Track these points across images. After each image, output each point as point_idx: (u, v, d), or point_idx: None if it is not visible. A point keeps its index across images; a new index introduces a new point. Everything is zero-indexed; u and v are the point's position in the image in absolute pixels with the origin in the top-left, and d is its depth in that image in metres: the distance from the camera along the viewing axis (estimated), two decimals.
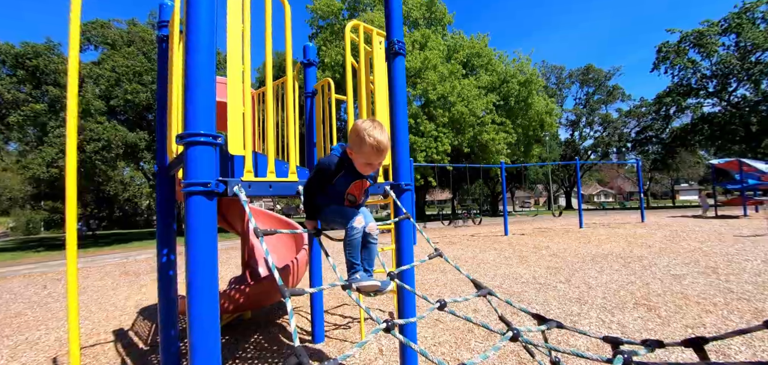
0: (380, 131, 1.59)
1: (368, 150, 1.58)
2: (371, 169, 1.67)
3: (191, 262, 1.49)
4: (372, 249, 1.73)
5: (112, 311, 5.21)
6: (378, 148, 1.57)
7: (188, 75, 1.53)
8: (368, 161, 1.63)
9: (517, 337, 1.20)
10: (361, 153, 1.61)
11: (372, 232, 1.70)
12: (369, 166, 1.65)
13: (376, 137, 1.56)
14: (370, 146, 1.57)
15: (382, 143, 1.57)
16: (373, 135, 1.56)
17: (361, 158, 1.63)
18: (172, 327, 2.60)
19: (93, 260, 11.57)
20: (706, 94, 35.12)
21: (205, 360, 1.49)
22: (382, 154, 1.60)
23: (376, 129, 1.58)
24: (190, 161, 1.49)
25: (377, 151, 1.58)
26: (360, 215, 1.70)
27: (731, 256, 6.52)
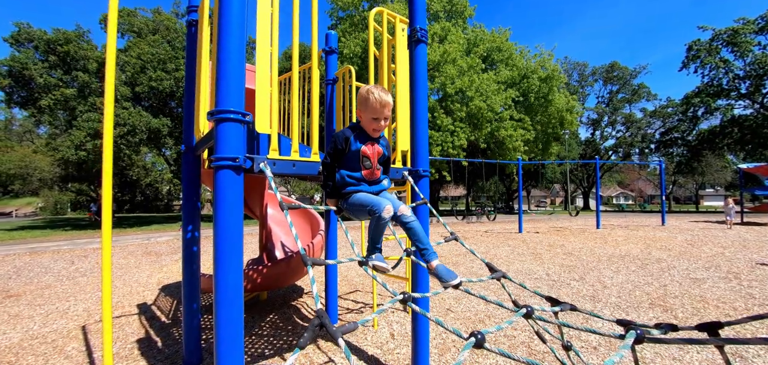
0: (381, 88, 1.78)
1: (373, 104, 1.74)
2: (377, 126, 1.79)
3: (219, 232, 1.57)
4: (414, 229, 1.76)
5: (135, 287, 5.46)
6: (380, 102, 1.74)
7: (220, 55, 1.61)
8: (374, 116, 1.76)
9: (530, 314, 1.23)
10: (367, 109, 1.76)
11: (405, 213, 1.76)
12: (375, 121, 1.77)
13: (378, 92, 1.74)
14: (374, 100, 1.73)
15: (384, 97, 1.74)
16: (375, 91, 1.74)
17: (367, 115, 1.77)
18: (194, 301, 2.73)
19: (116, 241, 12.05)
20: (738, 95, 33.52)
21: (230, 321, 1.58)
22: (385, 107, 1.75)
23: (378, 88, 1.77)
24: (221, 137, 1.58)
25: (380, 105, 1.74)
26: (389, 204, 1.73)
27: (755, 263, 6.30)
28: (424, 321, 2.37)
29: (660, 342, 0.94)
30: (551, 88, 26.08)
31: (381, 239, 1.86)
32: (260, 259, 4.37)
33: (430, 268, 1.67)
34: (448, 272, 1.61)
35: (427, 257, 1.69)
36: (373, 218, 1.74)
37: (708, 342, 0.91)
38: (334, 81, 3.74)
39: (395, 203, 1.79)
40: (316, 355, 2.88)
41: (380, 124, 1.79)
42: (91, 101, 19.68)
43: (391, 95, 1.82)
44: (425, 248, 1.72)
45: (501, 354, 0.96)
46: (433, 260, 1.67)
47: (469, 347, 0.94)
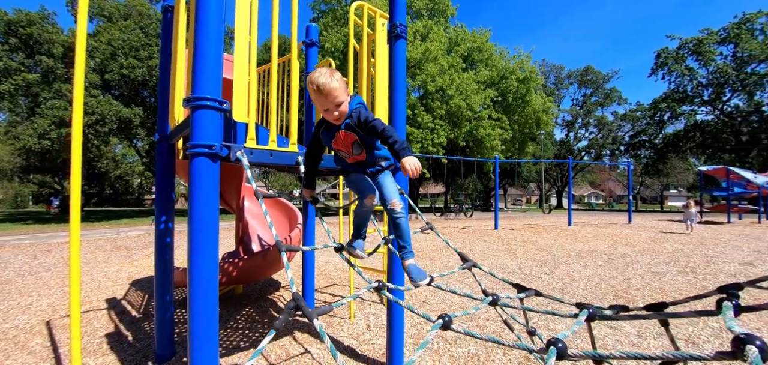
0: (317, 73, 1.60)
1: (313, 98, 1.63)
2: (330, 116, 1.66)
3: (194, 221, 1.57)
4: (400, 226, 1.73)
5: (104, 281, 5.26)
6: (314, 90, 1.59)
7: (198, 41, 1.59)
8: (321, 108, 1.65)
9: (496, 301, 1.30)
10: (315, 103, 1.66)
11: (396, 207, 1.71)
12: (326, 112, 1.65)
13: (313, 80, 1.59)
14: (310, 91, 1.61)
15: (321, 83, 1.56)
16: (311, 79, 1.60)
17: (318, 107, 1.68)
18: (167, 293, 2.68)
19: (84, 235, 11.51)
20: (701, 102, 35.58)
21: (205, 312, 1.58)
22: (321, 94, 1.59)
23: (314, 73, 1.61)
24: (197, 124, 1.56)
25: (315, 92, 1.60)
26: (373, 194, 1.76)
27: (711, 258, 6.75)
28: (400, 312, 2.43)
29: (609, 319, 1.02)
30: (528, 90, 26.83)
31: (364, 226, 1.89)
32: (236, 252, 4.32)
33: (404, 266, 1.72)
34: (419, 273, 1.66)
35: (404, 255, 1.74)
36: (358, 202, 1.77)
37: (650, 316, 1.00)
38: None
39: (388, 194, 1.73)
40: (293, 347, 2.89)
41: (331, 114, 1.65)
42: (56, 88, 18.64)
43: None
44: (404, 246, 1.75)
45: (466, 333, 1.02)
46: (408, 259, 1.72)
47: (436, 327, 1.00)
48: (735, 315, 0.81)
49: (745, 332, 0.64)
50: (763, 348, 0.62)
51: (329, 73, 1.60)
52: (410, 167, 1.48)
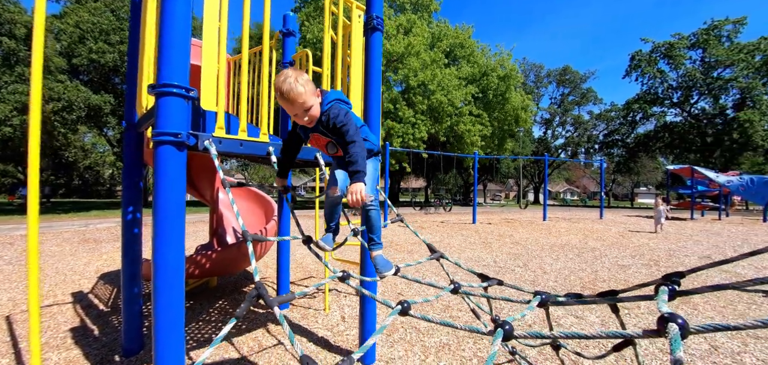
0: (282, 78, 1.53)
1: (279, 101, 1.59)
2: (300, 120, 1.63)
3: (159, 210, 1.54)
4: (371, 218, 1.73)
5: (70, 275, 5.06)
6: (279, 96, 1.55)
7: (164, 26, 1.55)
8: (291, 113, 1.61)
9: (457, 290, 1.35)
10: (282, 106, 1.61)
11: (367, 199, 1.63)
12: (295, 117, 1.62)
13: (278, 87, 1.54)
14: (277, 97, 1.57)
15: (284, 90, 1.51)
16: (276, 86, 1.55)
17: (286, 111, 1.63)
18: (135, 286, 2.61)
19: (49, 227, 10.99)
20: (671, 104, 37.30)
21: (170, 305, 1.56)
22: (286, 101, 1.54)
23: (279, 78, 1.54)
24: (162, 111, 1.53)
25: (282, 100, 1.56)
26: (335, 186, 1.77)
27: (673, 252, 7.13)
28: (372, 303, 2.46)
29: (561, 304, 1.08)
30: (509, 87, 27.34)
31: (333, 219, 1.89)
32: (210, 244, 4.24)
33: (371, 257, 1.74)
34: (384, 263, 1.69)
35: (372, 247, 1.75)
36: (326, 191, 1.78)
37: (599, 301, 1.07)
38: (291, 64, 3.68)
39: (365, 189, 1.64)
40: (266, 338, 2.88)
41: (301, 119, 1.61)
42: (18, 71, 17.57)
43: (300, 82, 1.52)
44: (373, 238, 1.77)
45: (422, 318, 1.06)
46: (375, 251, 1.74)
47: (395, 313, 1.03)
48: (669, 299, 0.88)
49: (670, 312, 0.70)
50: (683, 326, 0.67)
51: (294, 77, 1.53)
52: (352, 195, 1.47)
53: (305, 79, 1.55)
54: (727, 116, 32.64)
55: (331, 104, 1.64)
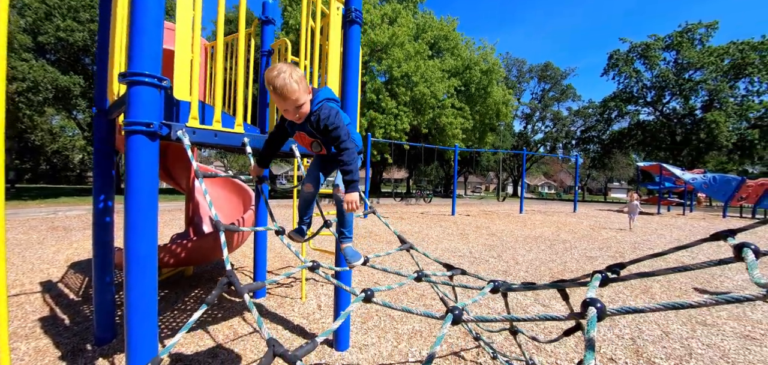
0: (278, 73, 1.51)
1: (271, 95, 1.60)
2: (289, 116, 1.63)
3: (131, 200, 1.54)
4: (342, 212, 1.77)
5: (38, 264, 4.89)
6: (273, 92, 1.54)
7: (135, 12, 1.54)
8: (281, 109, 1.61)
9: (420, 278, 1.43)
10: (272, 99, 1.61)
11: (339, 196, 1.70)
12: (285, 112, 1.62)
13: (270, 80, 1.52)
14: (271, 94, 1.56)
15: (277, 86, 1.51)
16: (268, 80, 1.53)
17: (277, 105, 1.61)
18: (107, 275, 2.58)
19: (15, 214, 10.51)
20: (645, 102, 38.77)
21: (142, 297, 1.57)
22: (278, 96, 1.54)
23: (272, 72, 1.53)
24: (133, 101, 1.53)
25: (273, 94, 1.56)
26: (310, 183, 1.82)
27: (638, 245, 7.54)
28: (345, 299, 2.53)
29: (512, 290, 1.18)
30: (491, 81, 27.72)
31: (308, 213, 1.93)
32: (186, 233, 4.20)
33: (341, 248, 1.80)
34: (353, 254, 1.76)
35: (342, 239, 1.82)
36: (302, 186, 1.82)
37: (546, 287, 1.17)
38: (269, 53, 3.65)
39: (338, 181, 1.71)
40: (242, 326, 2.91)
41: (291, 115, 1.61)
42: None
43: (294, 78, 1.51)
44: (343, 231, 1.83)
45: (384, 305, 1.13)
46: (345, 243, 1.80)
47: (359, 300, 1.10)
48: (601, 286, 0.98)
49: (592, 297, 0.80)
50: (601, 310, 0.77)
51: (289, 73, 1.51)
52: (349, 204, 1.54)
53: (299, 76, 1.54)
54: (695, 117, 34.27)
55: (321, 104, 1.63)
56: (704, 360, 2.64)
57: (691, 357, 2.68)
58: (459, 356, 2.56)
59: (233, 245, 3.86)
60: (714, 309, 3.78)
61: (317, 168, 1.81)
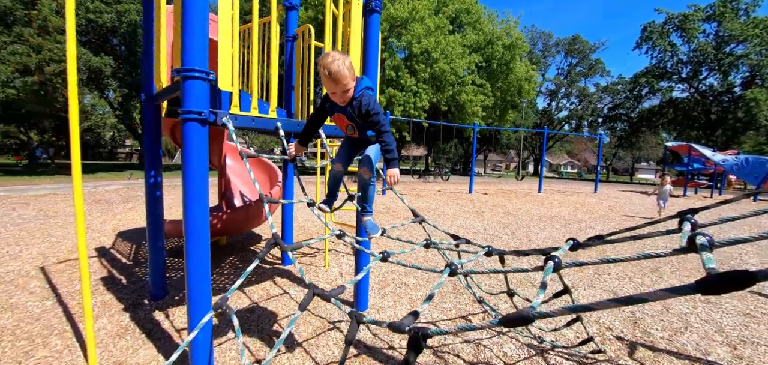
0: (333, 59, 1.70)
1: (323, 79, 1.76)
2: (335, 98, 1.82)
3: (188, 177, 1.85)
4: (365, 189, 2.03)
5: (90, 233, 5.44)
6: (328, 77, 1.71)
7: (186, 16, 1.79)
8: (329, 91, 1.79)
9: (429, 245, 1.68)
10: (323, 83, 1.80)
11: (364, 176, 1.99)
12: (333, 94, 1.81)
13: (326, 65, 1.70)
14: (324, 77, 1.74)
15: (333, 70, 1.68)
16: (324, 64, 1.71)
17: (325, 87, 1.80)
18: (159, 240, 2.97)
19: (59, 188, 11.40)
20: (679, 78, 36.65)
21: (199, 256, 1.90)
22: (332, 80, 1.72)
23: (328, 58, 1.71)
24: (187, 93, 1.80)
25: (326, 77, 1.73)
26: (340, 164, 2.06)
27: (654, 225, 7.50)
28: (365, 259, 2.83)
29: (501, 253, 1.41)
30: (513, 57, 26.91)
31: (336, 188, 2.20)
32: (219, 206, 4.59)
33: (362, 221, 2.07)
34: (373, 226, 2.03)
35: (363, 213, 2.08)
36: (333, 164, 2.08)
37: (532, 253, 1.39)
38: (293, 38, 3.87)
39: (365, 163, 1.98)
40: (274, 289, 3.28)
41: (337, 97, 1.80)
42: (16, 32, 17.41)
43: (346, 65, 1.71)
44: (365, 206, 2.09)
45: (398, 263, 1.39)
46: (366, 216, 2.07)
47: (378, 259, 1.36)
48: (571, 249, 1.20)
49: (553, 254, 1.02)
50: (558, 263, 0.99)
51: (342, 60, 1.71)
52: (391, 178, 1.77)
53: (349, 63, 1.75)
54: (733, 94, 32.21)
55: (363, 91, 1.85)
56: (699, 333, 2.81)
57: (686, 330, 2.85)
58: (466, 319, 2.84)
59: (262, 217, 4.22)
60: None
61: (347, 150, 2.04)
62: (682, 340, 2.69)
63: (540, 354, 2.40)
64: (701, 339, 2.71)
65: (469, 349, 2.43)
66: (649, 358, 2.43)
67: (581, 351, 2.45)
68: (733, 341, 2.71)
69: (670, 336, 2.74)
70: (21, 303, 2.93)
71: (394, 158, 1.81)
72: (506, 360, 2.33)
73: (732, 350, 2.58)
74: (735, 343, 2.67)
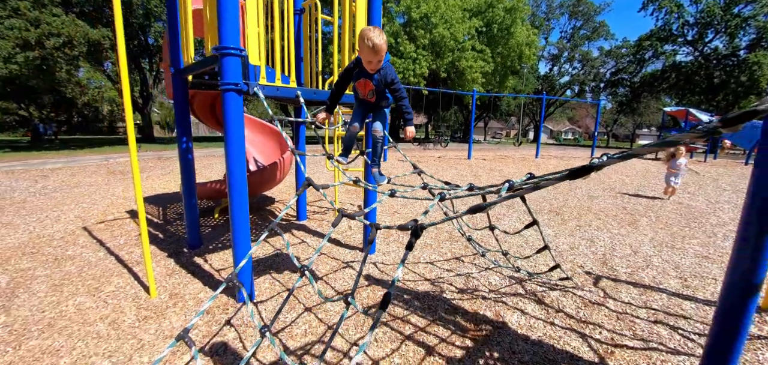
0: (377, 34, 2.05)
1: (364, 49, 2.08)
2: (369, 66, 2.16)
3: (229, 140, 2.26)
4: (375, 146, 2.45)
5: (115, 200, 5.90)
6: (371, 48, 2.05)
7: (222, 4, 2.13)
8: (366, 59, 2.12)
9: (425, 187, 2.11)
10: (362, 51, 2.12)
11: (376, 133, 2.41)
12: (368, 63, 2.14)
13: (371, 38, 2.04)
14: (366, 47, 2.07)
15: (376, 43, 2.04)
16: (369, 36, 2.05)
17: (363, 56, 2.14)
18: (192, 197, 3.42)
19: (73, 162, 11.80)
20: (684, 42, 35.93)
21: (241, 202, 2.34)
22: (374, 51, 2.06)
23: (373, 32, 2.06)
24: (226, 68, 2.18)
25: (368, 48, 2.06)
26: (357, 124, 2.44)
27: (641, 188, 7.95)
28: (373, 213, 3.28)
29: (480, 189, 1.84)
30: (514, 21, 26.41)
31: (350, 147, 2.59)
32: None
33: (372, 172, 2.49)
34: (380, 176, 2.46)
35: (372, 165, 2.50)
36: (349, 125, 2.48)
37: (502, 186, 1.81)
38: (300, 11, 4.15)
39: (377, 125, 2.41)
40: (292, 239, 3.75)
41: (371, 65, 2.14)
42: (12, 6, 17.26)
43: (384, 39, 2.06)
44: (375, 160, 2.51)
45: (401, 196, 1.82)
46: (375, 168, 2.49)
47: (386, 195, 1.78)
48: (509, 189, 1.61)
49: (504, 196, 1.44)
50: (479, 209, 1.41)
51: (382, 36, 2.07)
52: (409, 133, 2.34)
53: (385, 38, 2.13)
54: (738, 58, 31.76)
55: (388, 64, 2.26)
56: (658, 269, 3.30)
57: (647, 267, 3.34)
58: (460, 260, 3.33)
59: (278, 179, 4.66)
60: (688, 234, 4.37)
61: (361, 114, 2.43)
62: (641, 275, 3.18)
63: (519, 283, 2.90)
64: (658, 274, 3.20)
65: (461, 281, 2.93)
66: (609, 286, 2.92)
67: (552, 279, 2.94)
68: (685, 275, 3.19)
69: (632, 272, 3.23)
70: (77, 254, 3.41)
71: (411, 117, 2.33)
72: (492, 287, 2.82)
73: (682, 282, 3.06)
74: (686, 277, 3.16)
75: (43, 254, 3.39)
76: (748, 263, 1.35)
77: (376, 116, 2.43)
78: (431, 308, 2.49)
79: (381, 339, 2.13)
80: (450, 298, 2.63)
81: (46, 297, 2.60)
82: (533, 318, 2.40)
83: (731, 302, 1.41)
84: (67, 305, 2.49)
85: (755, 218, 1.29)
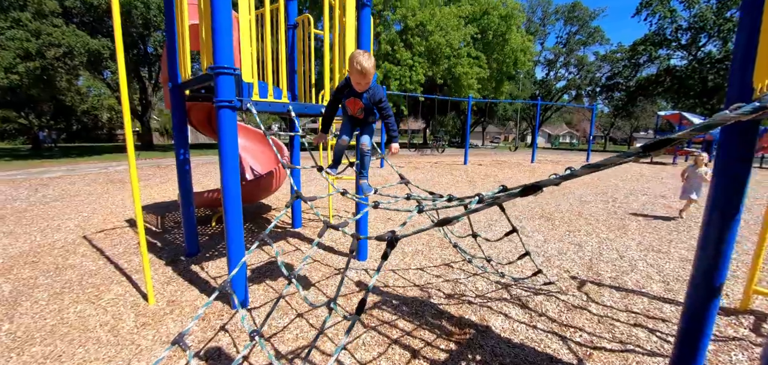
0: (366, 58, 2.20)
1: (354, 71, 2.23)
2: (359, 87, 2.30)
3: (223, 152, 2.37)
4: (363, 159, 2.59)
5: (115, 208, 5.99)
6: (359, 71, 2.21)
7: (215, 23, 2.26)
8: (355, 80, 2.27)
9: (409, 198, 2.22)
10: (352, 73, 2.26)
11: (364, 147, 2.53)
12: (357, 84, 2.28)
13: (360, 62, 2.19)
14: (355, 69, 2.22)
15: (365, 66, 2.19)
16: (358, 60, 2.20)
17: (352, 77, 2.29)
18: (190, 206, 3.52)
19: (73, 170, 11.89)
20: (678, 46, 36.31)
21: (234, 212, 2.45)
22: (362, 75, 2.22)
23: (362, 57, 2.20)
24: (220, 86, 2.30)
25: (358, 72, 2.21)
26: (346, 138, 2.57)
27: (634, 191, 8.07)
28: (364, 219, 3.38)
29: (459, 199, 1.95)
30: (509, 27, 26.73)
31: (339, 159, 2.71)
32: None
33: (359, 183, 2.61)
34: (368, 187, 2.57)
35: (361, 177, 2.62)
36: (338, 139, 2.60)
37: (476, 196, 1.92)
38: (294, 27, 4.28)
39: (365, 139, 2.53)
40: (287, 246, 3.86)
41: (359, 85, 2.29)
42: (13, 17, 17.45)
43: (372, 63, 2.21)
44: (362, 172, 2.63)
45: (385, 208, 1.93)
46: (363, 180, 2.60)
47: (371, 206, 1.89)
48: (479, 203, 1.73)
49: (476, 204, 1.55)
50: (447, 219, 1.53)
51: (370, 59, 2.22)
52: (394, 150, 2.52)
53: (374, 62, 2.28)
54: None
55: (375, 85, 2.41)
56: (642, 274, 3.40)
57: (632, 271, 3.45)
58: (449, 266, 3.43)
59: (274, 187, 4.76)
60: (676, 238, 4.48)
61: (349, 128, 2.56)
62: (625, 279, 3.28)
63: (504, 288, 3.00)
64: (641, 278, 3.31)
65: (449, 286, 3.03)
66: (593, 290, 3.02)
67: (536, 284, 3.04)
68: (668, 279, 3.30)
69: (616, 276, 3.33)
70: (77, 263, 3.51)
71: (396, 134, 2.51)
72: (478, 292, 2.92)
73: (665, 286, 3.17)
74: (669, 281, 3.26)
75: (45, 263, 3.49)
76: (710, 261, 1.48)
77: (363, 130, 2.56)
78: (418, 312, 2.59)
79: (368, 342, 2.23)
80: (437, 303, 2.73)
81: (48, 304, 2.69)
82: (516, 322, 2.50)
83: (695, 300, 1.54)
84: (68, 312, 2.58)
85: (717, 217, 1.44)
